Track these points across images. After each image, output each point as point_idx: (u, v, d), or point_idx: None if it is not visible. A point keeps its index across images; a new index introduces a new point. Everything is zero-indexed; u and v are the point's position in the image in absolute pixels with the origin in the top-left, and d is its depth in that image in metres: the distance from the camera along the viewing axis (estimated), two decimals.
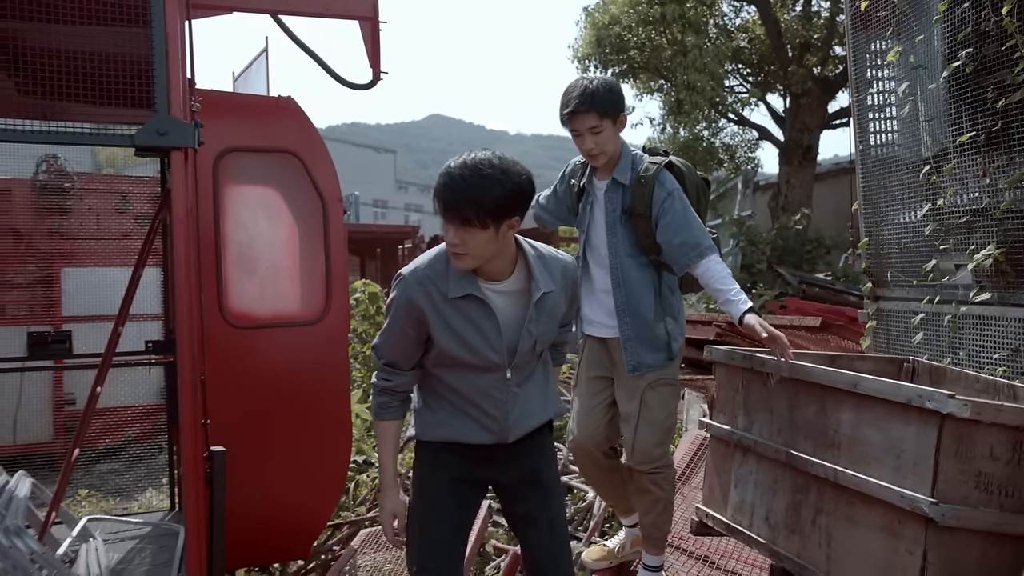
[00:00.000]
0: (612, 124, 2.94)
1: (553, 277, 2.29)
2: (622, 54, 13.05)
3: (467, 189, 2.03)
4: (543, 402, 2.40)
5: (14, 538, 3.63)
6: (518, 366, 2.27)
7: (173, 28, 2.80)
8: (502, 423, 2.29)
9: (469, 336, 2.20)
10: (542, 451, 2.43)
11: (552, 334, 2.34)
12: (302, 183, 3.98)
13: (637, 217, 2.99)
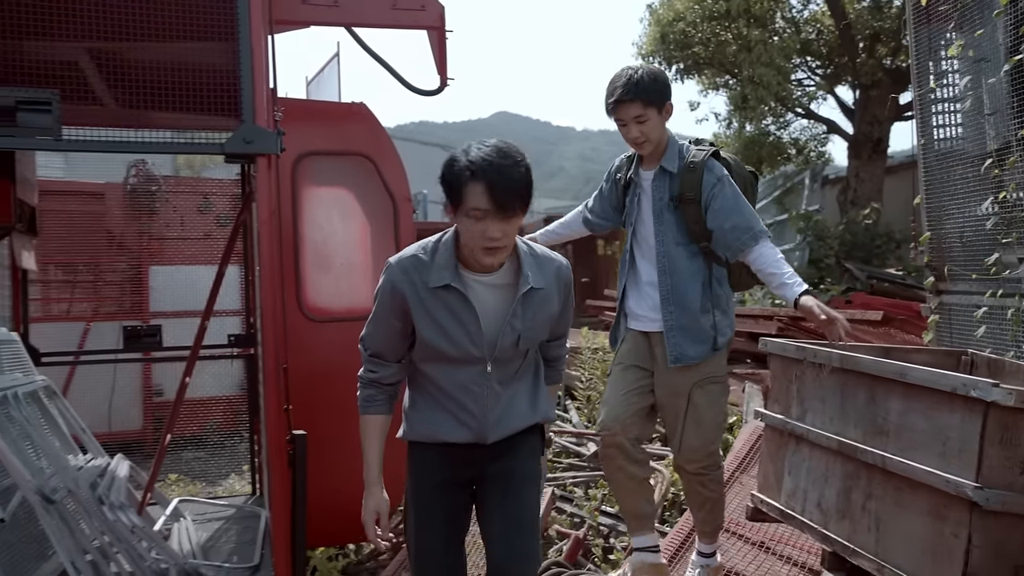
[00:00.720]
0: (657, 113, 2.95)
1: (545, 275, 2.26)
2: (686, 50, 13.02)
3: (516, 178, 2.05)
4: (531, 406, 2.36)
5: (118, 512, 3.96)
6: (500, 361, 2.24)
7: (258, 43, 3.04)
8: (480, 420, 2.26)
9: (449, 327, 2.18)
10: (522, 448, 2.37)
11: (540, 335, 2.31)
12: (374, 184, 4.21)
13: (686, 203, 2.99)
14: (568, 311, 2.42)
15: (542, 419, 2.41)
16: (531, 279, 2.21)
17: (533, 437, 2.42)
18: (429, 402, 2.30)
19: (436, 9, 3.54)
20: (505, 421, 2.29)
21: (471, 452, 2.30)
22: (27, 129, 2.73)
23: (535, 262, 2.26)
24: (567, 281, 2.34)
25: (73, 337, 7.93)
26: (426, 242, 2.23)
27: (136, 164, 8.60)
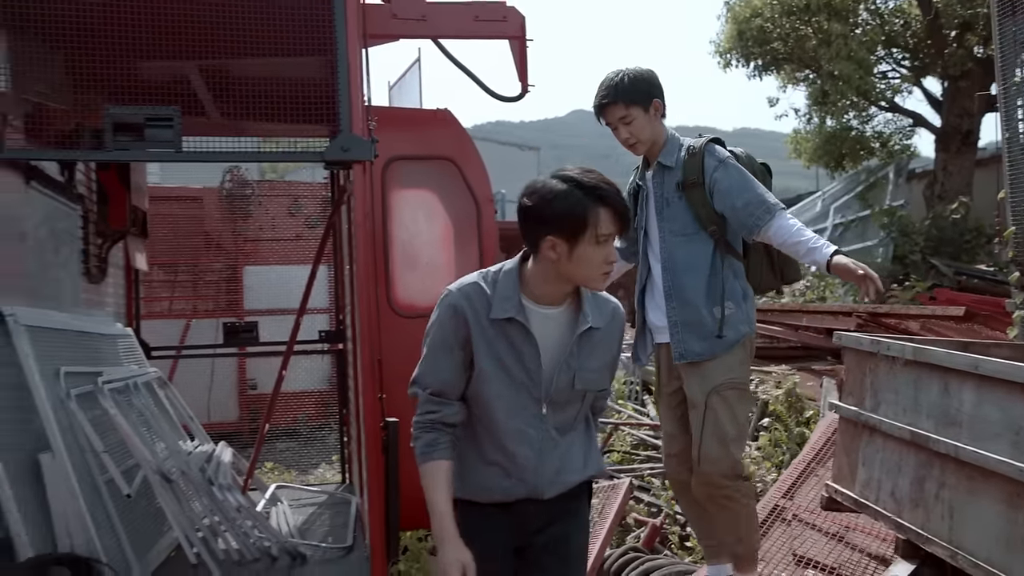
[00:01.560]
0: (643, 112, 2.90)
1: (603, 315, 2.14)
2: (764, 46, 12.89)
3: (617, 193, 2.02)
4: (584, 459, 2.19)
5: (226, 493, 4.29)
6: (557, 403, 2.09)
7: (354, 57, 3.28)
8: (536, 471, 2.08)
9: (508, 362, 2.05)
10: (578, 517, 2.23)
11: (594, 378, 2.14)
12: (458, 186, 4.42)
13: (690, 188, 2.91)
14: (617, 359, 2.27)
15: (595, 472, 2.23)
16: (590, 317, 2.08)
17: (586, 505, 2.28)
18: (478, 453, 2.13)
19: (517, 19, 3.72)
20: (562, 474, 2.12)
21: (524, 509, 2.13)
22: (153, 143, 3.02)
23: (594, 300, 2.14)
24: (621, 325, 2.20)
25: (175, 333, 8.41)
26: (485, 272, 2.12)
27: (231, 169, 9.08)
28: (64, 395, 3.74)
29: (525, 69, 3.76)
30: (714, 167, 2.89)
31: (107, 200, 5.30)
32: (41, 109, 3.84)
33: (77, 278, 4.98)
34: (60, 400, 3.72)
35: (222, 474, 4.52)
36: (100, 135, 3.58)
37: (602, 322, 2.11)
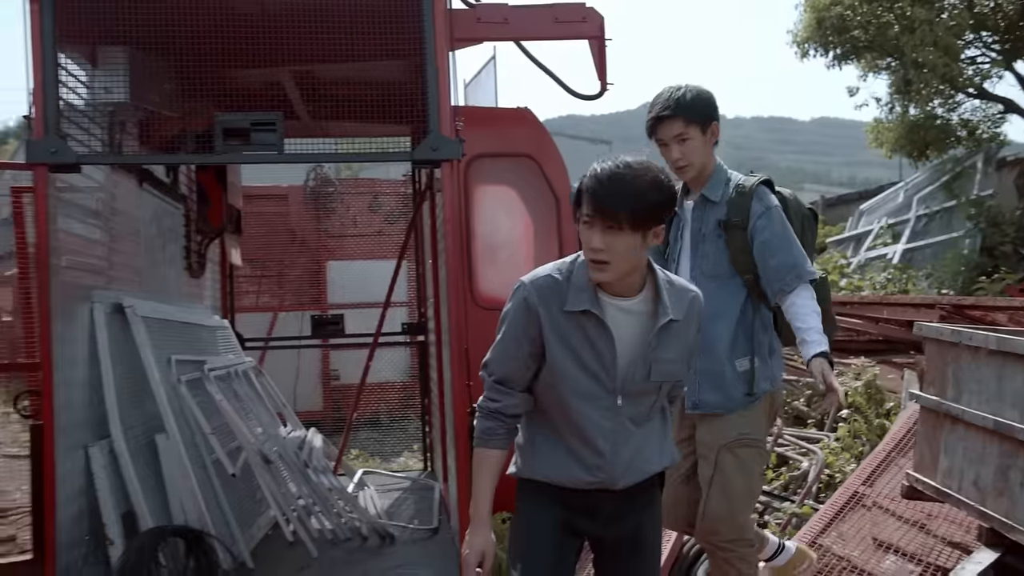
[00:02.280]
0: (701, 133, 2.72)
1: (681, 306, 2.07)
2: (844, 34, 12.60)
3: (624, 186, 1.89)
4: (660, 450, 2.15)
5: (320, 475, 4.54)
6: (631, 395, 2.05)
7: (442, 61, 3.44)
8: (611, 461, 2.05)
9: (584, 354, 2.02)
10: (652, 509, 2.19)
11: (673, 369, 2.08)
12: (538, 183, 4.55)
13: (732, 229, 2.72)
14: (695, 347, 2.20)
15: (670, 463, 2.19)
16: (670, 309, 2.02)
17: (659, 490, 2.21)
18: (551, 441, 2.11)
19: (596, 20, 3.82)
20: (637, 466, 2.09)
21: (594, 499, 2.10)
22: (258, 146, 3.25)
23: (673, 291, 2.07)
24: (699, 313, 2.14)
25: (263, 325, 8.79)
26: (561, 263, 2.08)
27: (314, 168, 9.42)
28: (175, 381, 4.04)
29: (604, 68, 3.86)
30: (759, 213, 2.69)
31: (206, 199, 5.64)
32: (153, 116, 4.15)
33: (181, 273, 5.33)
34: (172, 385, 4.02)
35: (315, 458, 4.78)
36: (204, 139, 3.85)
37: (681, 313, 2.05)
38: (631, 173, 1.90)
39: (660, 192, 1.92)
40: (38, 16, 3.11)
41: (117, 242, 4.16)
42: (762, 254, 2.68)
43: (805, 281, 2.65)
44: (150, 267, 4.65)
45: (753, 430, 2.70)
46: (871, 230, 13.50)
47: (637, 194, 1.89)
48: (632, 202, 1.88)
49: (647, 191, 1.89)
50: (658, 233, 1.96)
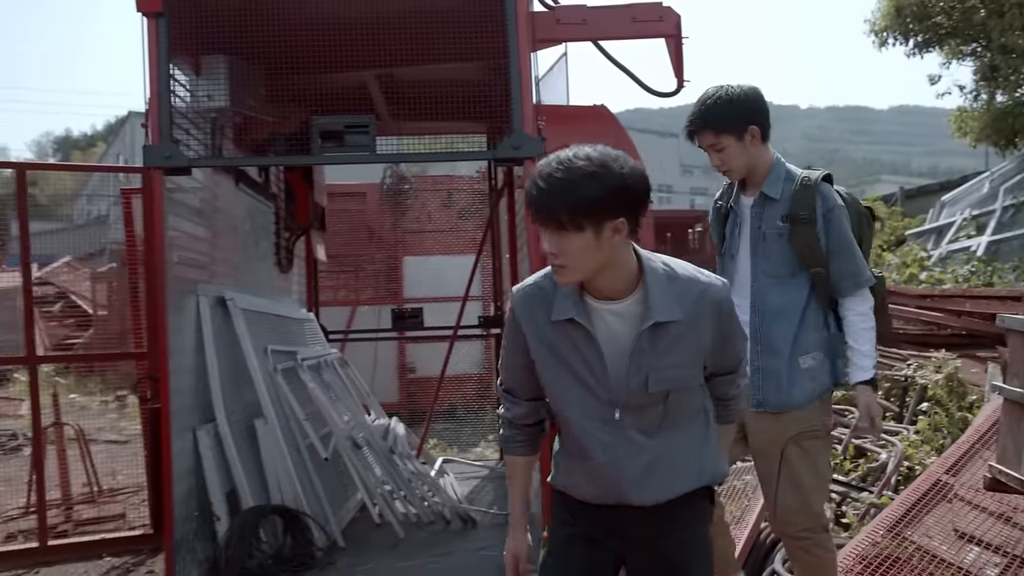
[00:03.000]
0: (736, 140, 2.66)
1: (681, 304, 1.84)
2: (925, 21, 12.25)
3: (558, 186, 1.72)
4: (696, 464, 1.94)
5: (406, 460, 4.74)
6: (631, 407, 1.87)
7: (525, 62, 3.58)
8: (616, 476, 1.89)
9: (574, 363, 1.88)
10: (693, 532, 1.98)
11: (682, 376, 1.88)
12: None
13: (799, 223, 2.66)
14: (733, 341, 1.99)
15: (710, 480, 1.98)
16: (657, 310, 1.82)
17: (701, 522, 2.01)
18: (568, 451, 1.99)
19: (673, 19, 3.90)
20: (658, 479, 1.90)
21: (617, 515, 1.94)
22: (352, 147, 3.45)
23: (671, 288, 1.85)
24: (718, 306, 1.89)
25: (342, 319, 9.09)
26: (548, 269, 1.90)
27: (391, 166, 9.68)
28: (272, 369, 4.29)
29: (681, 66, 3.94)
30: (826, 211, 2.67)
31: (293, 198, 5.91)
32: (248, 120, 4.41)
33: (271, 268, 5.62)
34: (269, 374, 4.27)
35: (400, 445, 4.99)
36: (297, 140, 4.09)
37: (681, 312, 1.83)
38: (564, 169, 1.73)
39: (597, 184, 1.71)
40: (154, 32, 3.36)
41: (218, 239, 4.44)
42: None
43: (864, 288, 2.67)
44: (245, 262, 4.93)
45: (816, 423, 2.70)
46: (953, 222, 13.11)
47: (570, 192, 1.71)
48: (567, 201, 1.71)
49: (581, 186, 1.71)
50: (618, 227, 1.74)
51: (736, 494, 4.05)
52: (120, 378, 8.81)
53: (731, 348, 1.98)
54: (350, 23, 3.93)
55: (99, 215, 33.96)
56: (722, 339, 1.92)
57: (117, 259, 15.52)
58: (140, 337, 4.81)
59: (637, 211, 1.77)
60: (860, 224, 2.82)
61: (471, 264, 6.78)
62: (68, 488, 5.41)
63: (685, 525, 1.96)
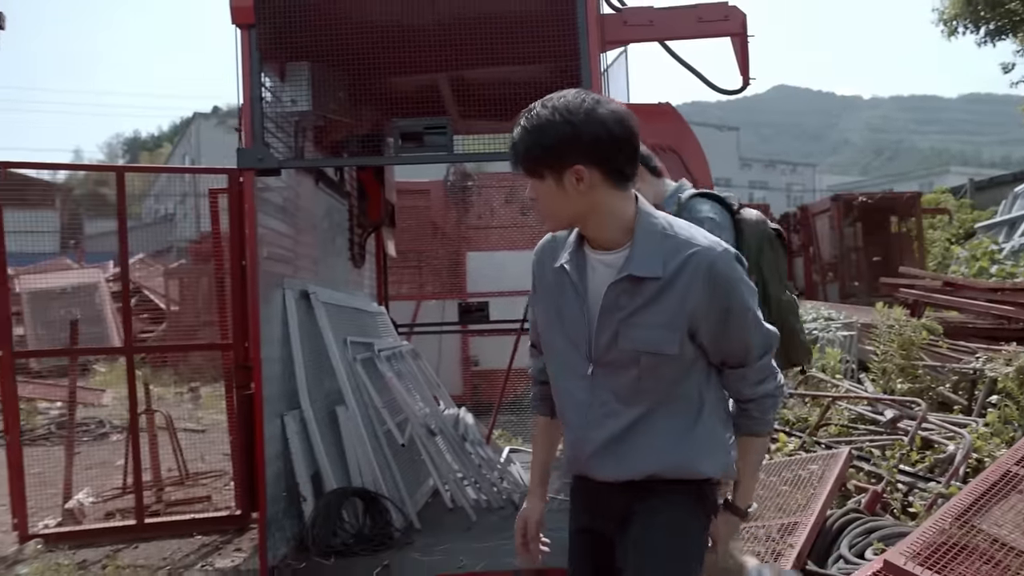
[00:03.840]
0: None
1: (667, 262, 1.72)
2: (997, 8, 11.98)
3: (519, 135, 1.73)
4: (674, 450, 1.78)
5: (476, 447, 4.93)
6: (606, 364, 1.78)
7: (595, 63, 3.73)
8: (581, 439, 1.83)
9: (565, 313, 1.83)
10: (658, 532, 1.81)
11: (658, 340, 1.73)
12: (679, 173, 4.75)
13: None
14: (736, 324, 1.77)
15: (687, 474, 1.80)
16: (635, 264, 1.73)
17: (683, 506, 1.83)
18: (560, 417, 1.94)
19: (739, 17, 3.99)
20: (621, 452, 1.79)
21: (599, 492, 1.86)
22: (431, 147, 3.64)
23: (662, 245, 1.74)
24: (710, 272, 1.72)
25: (407, 312, 9.33)
26: None
27: (454, 163, 9.90)
28: (351, 359, 4.52)
29: (746, 63, 4.03)
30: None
31: (365, 195, 6.15)
32: (327, 122, 4.64)
33: (346, 263, 5.87)
34: (349, 363, 4.50)
35: (471, 432, 5.19)
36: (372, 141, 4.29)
37: (663, 270, 1.72)
38: (525, 119, 1.74)
39: (547, 133, 1.69)
40: (247, 42, 3.60)
41: (300, 235, 4.68)
42: None
43: None
44: (324, 258, 5.18)
45: None
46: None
47: (523, 141, 1.72)
48: (522, 150, 1.74)
49: (533, 135, 1.70)
50: (578, 174, 1.69)
51: (801, 483, 4.13)
52: (192, 371, 9.24)
53: (733, 331, 1.77)
54: (426, 29, 4.12)
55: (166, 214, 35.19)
56: (718, 315, 1.74)
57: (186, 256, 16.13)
58: (226, 329, 5.10)
59: (602, 158, 1.69)
60: (761, 247, 2.89)
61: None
62: (159, 472, 5.74)
63: (658, 515, 1.81)
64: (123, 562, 4.49)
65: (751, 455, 1.91)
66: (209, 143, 45.84)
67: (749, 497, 1.95)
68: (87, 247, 16.62)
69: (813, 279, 15.48)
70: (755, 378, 1.84)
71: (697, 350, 1.78)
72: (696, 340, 1.76)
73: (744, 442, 1.89)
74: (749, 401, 1.86)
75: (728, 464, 1.86)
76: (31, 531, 4.81)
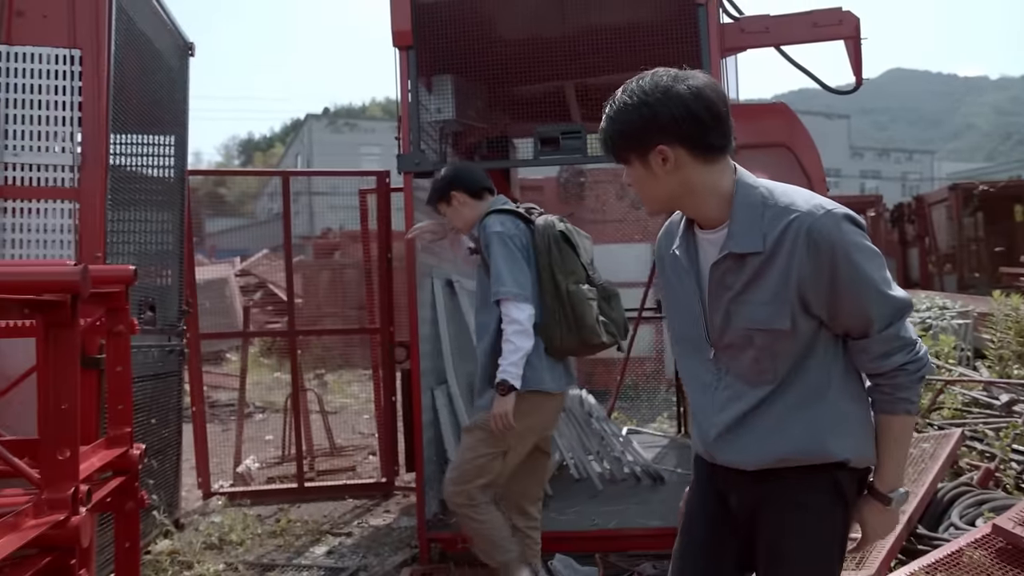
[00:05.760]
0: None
1: (768, 234, 1.66)
2: None
3: (604, 125, 1.74)
4: (800, 425, 1.72)
5: (603, 424, 5.35)
6: (723, 347, 1.77)
7: (716, 69, 4.06)
8: (707, 423, 1.82)
9: (682, 298, 1.84)
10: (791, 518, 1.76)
11: (768, 316, 1.68)
12: (793, 169, 5.03)
13: (479, 254, 3.47)
14: (849, 291, 1.66)
15: (820, 453, 1.72)
16: (735, 240, 1.69)
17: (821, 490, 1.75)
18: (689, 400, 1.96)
19: (852, 22, 4.23)
20: (745, 435, 1.76)
21: (724, 476, 1.84)
22: (567, 151, 4.07)
23: (762, 216, 1.68)
24: (811, 237, 1.63)
25: None
26: None
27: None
28: None
29: (860, 65, 4.27)
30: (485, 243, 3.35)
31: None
32: (465, 128, 5.15)
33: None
34: None
35: (596, 410, 5.61)
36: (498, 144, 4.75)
37: (763, 244, 1.66)
38: (609, 107, 1.74)
39: (627, 118, 1.69)
40: (405, 62, 4.12)
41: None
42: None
43: (506, 300, 3.17)
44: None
45: (481, 417, 3.26)
46: None
47: (607, 129, 1.73)
48: (607, 138, 1.74)
49: (614, 123, 1.71)
50: (663, 155, 1.67)
51: (913, 460, 4.37)
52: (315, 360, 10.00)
53: (846, 300, 1.66)
54: (556, 41, 4.56)
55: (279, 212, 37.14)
56: (827, 282, 1.64)
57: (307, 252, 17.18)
58: (373, 314, 5.71)
59: (684, 135, 1.66)
60: (549, 247, 3.30)
61: (644, 252, 7.26)
62: (311, 444, 6.43)
63: (791, 502, 1.75)
64: (291, 517, 5.15)
65: (888, 436, 1.76)
66: (320, 144, 47.88)
67: (891, 482, 1.78)
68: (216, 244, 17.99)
69: (929, 270, 15.15)
70: (880, 350, 1.70)
71: (815, 323, 1.69)
72: (811, 312, 1.68)
73: (880, 421, 1.77)
74: (878, 375, 1.74)
75: (862, 446, 1.76)
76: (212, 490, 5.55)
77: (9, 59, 3.53)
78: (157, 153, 4.58)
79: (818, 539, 1.76)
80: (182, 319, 4.87)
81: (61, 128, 3.60)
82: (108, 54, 3.64)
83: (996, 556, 3.15)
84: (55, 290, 1.96)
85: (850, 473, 1.77)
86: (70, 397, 2.00)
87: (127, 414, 2.73)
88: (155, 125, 4.55)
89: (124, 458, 2.67)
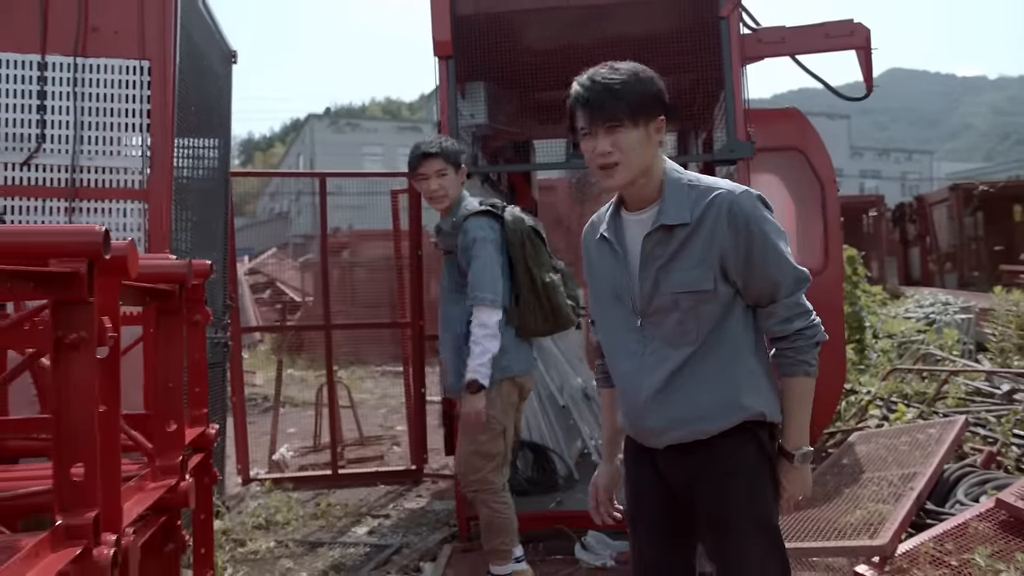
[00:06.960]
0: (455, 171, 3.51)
1: (693, 209, 1.88)
2: None
3: (618, 85, 1.86)
4: (719, 382, 1.90)
5: None
6: (651, 314, 1.92)
7: (736, 77, 4.33)
8: (635, 396, 1.95)
9: (610, 279, 2.00)
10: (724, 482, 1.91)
11: (694, 279, 1.87)
12: (804, 172, 5.31)
13: (448, 255, 3.55)
14: (760, 261, 1.88)
15: (741, 415, 1.90)
16: (667, 214, 1.88)
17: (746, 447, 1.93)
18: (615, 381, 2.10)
19: (863, 32, 4.49)
20: (672, 395, 1.91)
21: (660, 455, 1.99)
22: None
23: (688, 195, 1.90)
24: (731, 210, 1.86)
25: None
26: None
27: None
28: None
29: (870, 73, 4.54)
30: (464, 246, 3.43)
31: (514, 192, 6.94)
32: (494, 132, 5.42)
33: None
34: None
35: None
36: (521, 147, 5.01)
37: (690, 215, 1.87)
38: (616, 73, 1.89)
39: (648, 83, 1.90)
40: (445, 71, 4.40)
41: None
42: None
43: (478, 303, 3.32)
44: None
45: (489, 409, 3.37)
46: None
47: (626, 86, 1.86)
48: (625, 94, 1.86)
49: (635, 83, 1.87)
50: (659, 126, 1.92)
51: (919, 444, 4.64)
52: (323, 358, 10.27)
53: (758, 267, 1.88)
54: (585, 48, 4.82)
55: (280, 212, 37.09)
56: (744, 250, 1.86)
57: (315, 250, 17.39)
58: (403, 309, 5.99)
59: (668, 115, 1.93)
60: (523, 241, 3.48)
61: None
62: (341, 434, 6.72)
63: (721, 470, 1.91)
64: (330, 501, 5.43)
65: (791, 396, 1.95)
66: (323, 144, 48.04)
67: (795, 440, 1.96)
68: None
69: (930, 269, 15.43)
70: (784, 314, 1.92)
71: (732, 290, 1.91)
72: (729, 279, 1.89)
73: (784, 384, 1.96)
74: (782, 339, 1.94)
75: (771, 402, 1.95)
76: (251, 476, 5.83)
77: (84, 70, 3.79)
78: (207, 156, 4.85)
79: (754, 501, 1.92)
80: (227, 313, 5.14)
81: (131, 133, 3.87)
82: (173, 65, 3.91)
83: (999, 527, 3.41)
84: (167, 280, 2.23)
85: (769, 430, 1.96)
86: (176, 376, 2.27)
87: (203, 396, 2.99)
88: (207, 129, 4.83)
89: (203, 436, 2.94)
